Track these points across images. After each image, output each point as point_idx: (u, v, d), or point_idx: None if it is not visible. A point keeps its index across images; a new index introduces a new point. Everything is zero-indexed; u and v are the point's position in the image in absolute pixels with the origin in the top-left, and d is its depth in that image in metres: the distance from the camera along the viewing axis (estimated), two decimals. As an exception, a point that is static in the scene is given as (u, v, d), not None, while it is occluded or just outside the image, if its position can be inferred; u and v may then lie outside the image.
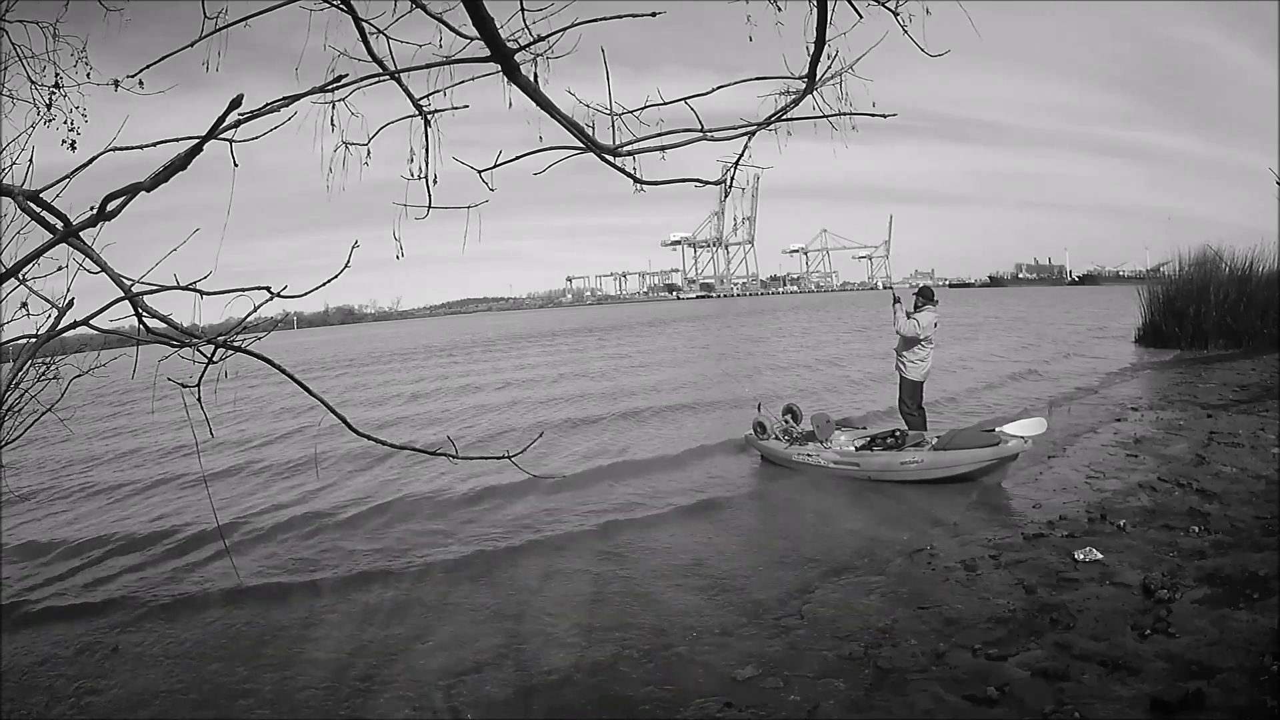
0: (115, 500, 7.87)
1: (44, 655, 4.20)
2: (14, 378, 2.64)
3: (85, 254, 1.78)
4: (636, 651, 3.71)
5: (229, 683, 3.74)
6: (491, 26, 1.67)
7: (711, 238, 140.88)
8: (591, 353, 23.63)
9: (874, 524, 5.49)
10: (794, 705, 3.13)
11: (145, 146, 1.82)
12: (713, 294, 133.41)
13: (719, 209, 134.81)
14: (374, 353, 32.14)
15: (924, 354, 7.26)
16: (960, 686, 3.13)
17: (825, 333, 27.06)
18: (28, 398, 4.17)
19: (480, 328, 55.27)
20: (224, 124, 1.67)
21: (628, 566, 4.90)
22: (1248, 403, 8.98)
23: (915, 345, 7.22)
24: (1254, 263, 15.16)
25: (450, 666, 3.71)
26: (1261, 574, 3.88)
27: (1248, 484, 5.56)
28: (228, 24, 1.85)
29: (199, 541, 6.03)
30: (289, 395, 14.23)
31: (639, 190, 2.07)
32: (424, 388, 16.74)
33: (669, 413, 10.84)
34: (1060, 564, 4.34)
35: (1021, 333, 22.69)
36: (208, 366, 1.84)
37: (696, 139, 2.02)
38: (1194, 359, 13.61)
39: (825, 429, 7.05)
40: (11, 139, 2.33)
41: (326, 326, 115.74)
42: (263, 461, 9.34)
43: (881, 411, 9.54)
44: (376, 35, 1.91)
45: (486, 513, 6.33)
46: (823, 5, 1.88)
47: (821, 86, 2.04)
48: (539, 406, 12.54)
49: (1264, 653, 3.09)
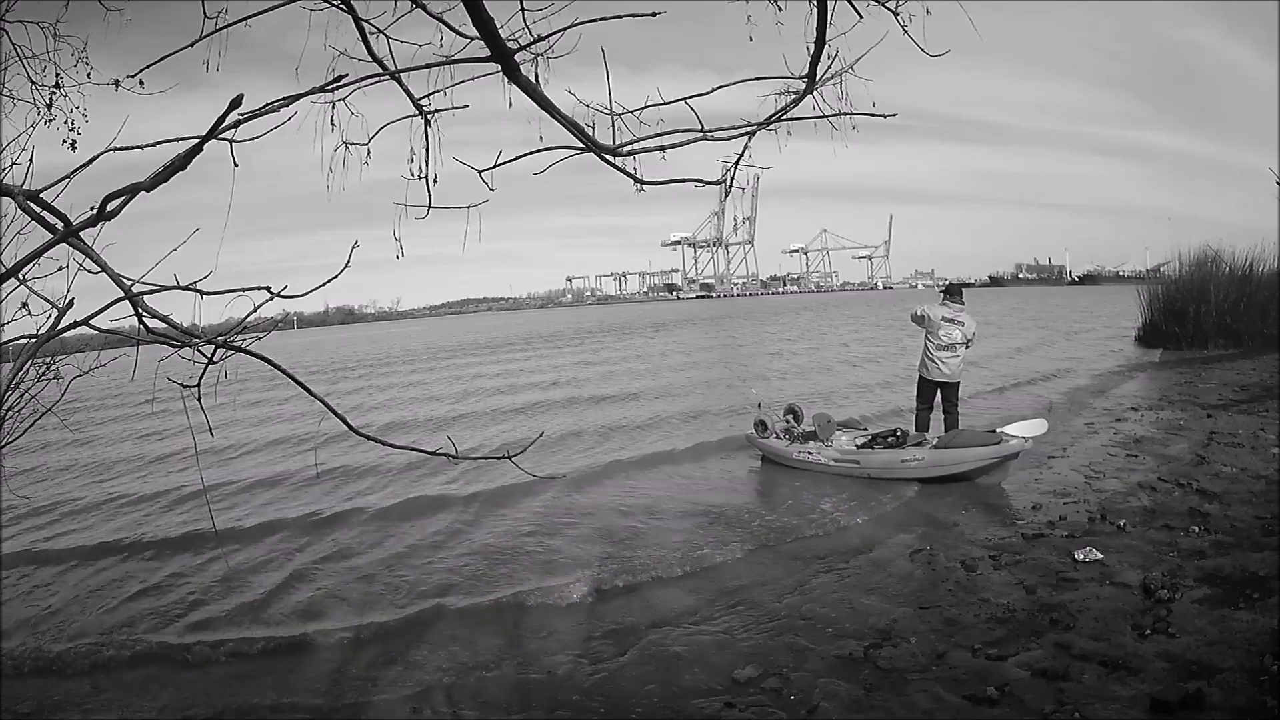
0: (114, 501, 7.86)
1: (44, 655, 4.20)
2: (14, 378, 2.64)
3: (85, 254, 1.78)
4: (636, 651, 3.71)
5: (228, 683, 3.74)
6: (491, 26, 1.67)
7: (711, 238, 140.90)
8: (592, 355, 23.63)
9: (874, 524, 5.49)
10: (794, 705, 3.12)
11: (145, 146, 1.82)
12: (713, 294, 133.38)
13: (719, 209, 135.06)
14: (373, 356, 32.13)
15: (935, 353, 7.04)
16: (960, 686, 3.13)
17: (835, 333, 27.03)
18: (28, 398, 4.16)
19: (480, 329, 55.22)
20: (224, 124, 1.67)
21: (627, 566, 4.90)
22: (1248, 403, 8.98)
23: (928, 342, 7.13)
24: (1254, 263, 15.19)
25: (450, 666, 3.72)
26: (1261, 574, 3.88)
27: (1248, 484, 5.56)
28: (228, 24, 1.85)
29: (199, 541, 6.03)
30: (287, 397, 14.24)
31: (639, 190, 2.06)
32: (426, 391, 16.73)
33: (669, 413, 10.83)
34: (1060, 564, 4.34)
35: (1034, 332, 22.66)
36: (208, 366, 1.84)
37: (696, 139, 2.02)
38: (1194, 359, 13.61)
39: (826, 428, 7.04)
40: (11, 139, 2.34)
41: (326, 326, 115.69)
42: (262, 461, 9.35)
43: (887, 412, 9.54)
44: (376, 35, 1.91)
45: (486, 513, 6.33)
46: (823, 5, 1.88)
47: (821, 86, 2.04)
48: (539, 408, 12.54)
49: (1264, 653, 3.09)
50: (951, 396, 7.18)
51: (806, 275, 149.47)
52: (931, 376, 7.14)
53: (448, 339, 39.21)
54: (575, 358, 22.44)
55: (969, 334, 7.03)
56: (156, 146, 1.78)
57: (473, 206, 2.06)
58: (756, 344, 24.18)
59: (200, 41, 1.85)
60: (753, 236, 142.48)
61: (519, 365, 21.16)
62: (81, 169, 1.90)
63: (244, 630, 4.32)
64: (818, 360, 17.43)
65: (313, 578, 5.11)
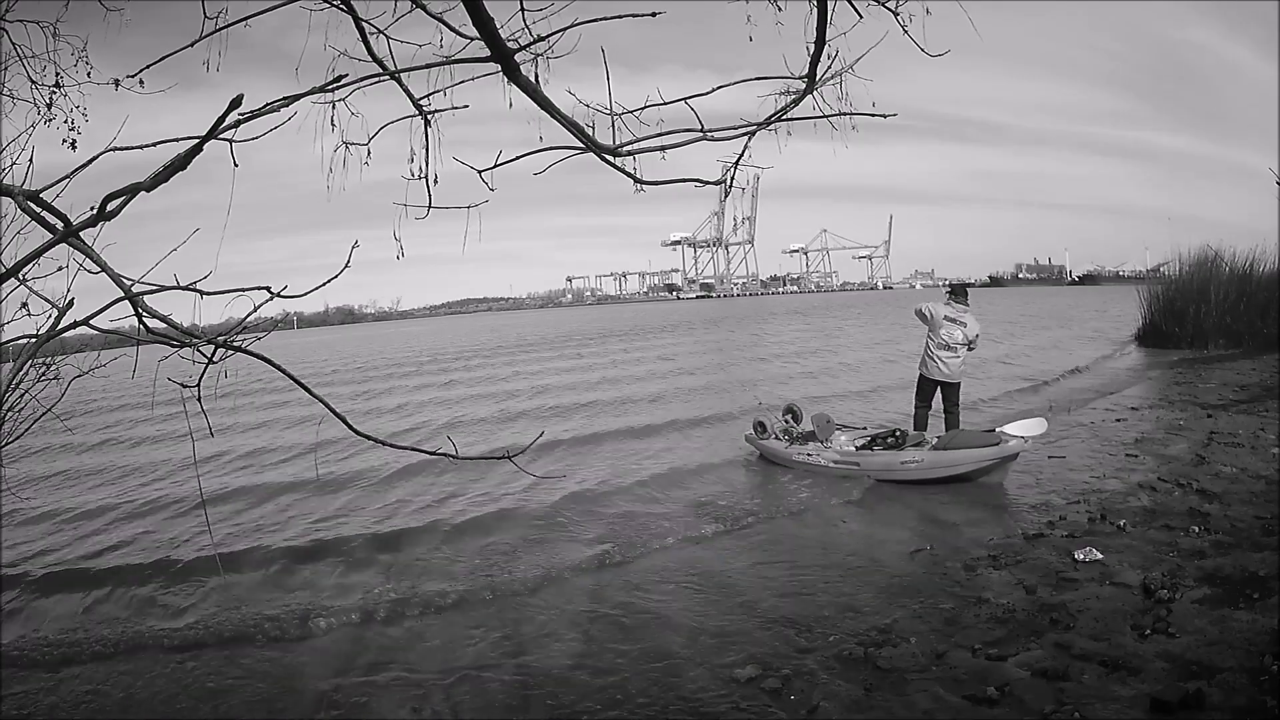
0: (112, 500, 7.86)
1: (44, 653, 4.20)
2: (14, 378, 2.64)
3: (85, 254, 1.78)
4: (636, 651, 3.71)
5: (228, 683, 3.74)
6: (491, 26, 1.67)
7: (711, 238, 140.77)
8: (592, 358, 23.62)
9: (874, 524, 5.49)
10: (794, 705, 3.12)
11: (145, 146, 1.83)
12: (713, 294, 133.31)
13: (719, 209, 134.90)
14: (373, 361, 32.10)
15: (935, 351, 7.05)
16: (960, 686, 3.13)
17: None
18: (28, 398, 4.16)
19: (481, 329, 55.11)
20: (224, 124, 1.68)
21: (627, 566, 4.90)
22: (1248, 403, 8.99)
23: (929, 340, 7.14)
24: (1254, 263, 15.21)
25: (450, 666, 3.71)
26: (1261, 574, 3.88)
27: (1248, 484, 5.56)
28: (228, 24, 1.85)
29: (199, 542, 6.02)
30: (287, 400, 14.23)
31: (639, 190, 2.07)
32: (427, 395, 16.72)
33: (669, 413, 10.83)
34: (1060, 564, 4.34)
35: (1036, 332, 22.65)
36: (208, 366, 1.84)
37: (696, 139, 2.02)
38: (1194, 359, 13.61)
39: (825, 429, 7.04)
40: (11, 139, 2.34)
41: (327, 326, 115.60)
42: (261, 462, 9.34)
43: (888, 414, 9.54)
44: (376, 35, 1.91)
45: (486, 513, 6.32)
46: (823, 5, 1.88)
47: (821, 86, 2.04)
48: (539, 409, 12.54)
49: (1264, 653, 3.09)
50: (952, 397, 7.18)
51: (806, 275, 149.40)
52: (931, 375, 7.15)
53: (469, 340, 38.18)
54: (576, 359, 22.43)
55: (971, 335, 7.03)
56: (156, 146, 1.79)
57: (473, 206, 2.06)
58: (757, 344, 24.18)
59: (200, 41, 1.85)
60: (753, 236, 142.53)
61: (522, 370, 21.14)
62: (81, 169, 1.90)
63: (244, 631, 4.31)
64: (818, 362, 17.41)
65: (312, 578, 5.10)
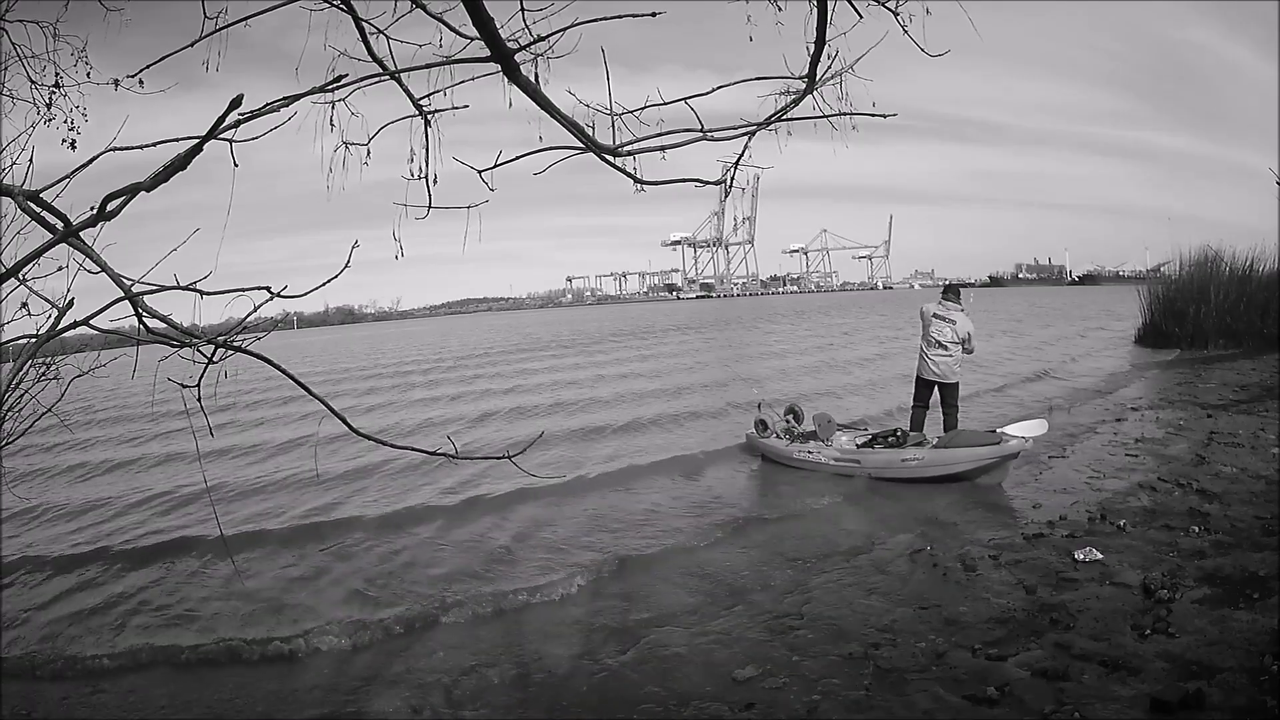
0: (114, 500, 7.86)
1: (45, 656, 4.20)
2: (14, 378, 2.64)
3: (85, 254, 1.78)
4: (636, 651, 3.71)
5: (228, 683, 3.74)
6: (491, 26, 1.67)
7: (711, 238, 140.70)
8: (592, 360, 23.62)
9: (874, 524, 5.49)
10: (794, 705, 3.12)
11: (145, 146, 1.83)
12: (713, 294, 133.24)
13: (719, 209, 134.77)
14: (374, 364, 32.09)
15: (927, 350, 7.08)
16: (960, 686, 3.13)
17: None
18: (28, 398, 4.16)
19: (481, 330, 55.07)
20: (224, 124, 1.68)
21: (627, 566, 4.90)
22: (1248, 403, 8.99)
23: (922, 340, 7.16)
24: (1254, 263, 15.19)
25: (450, 666, 3.71)
26: (1261, 574, 3.88)
27: (1248, 484, 5.56)
28: (228, 24, 1.85)
29: (196, 541, 6.02)
30: (287, 399, 14.23)
31: (639, 190, 2.07)
32: (430, 395, 16.72)
33: (670, 413, 10.82)
34: (1060, 564, 4.34)
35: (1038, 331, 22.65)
36: (208, 366, 1.84)
37: (696, 139, 2.02)
38: (1194, 359, 13.60)
39: (827, 428, 7.05)
40: (11, 139, 2.34)
41: (327, 326, 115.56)
42: (261, 462, 9.34)
43: (889, 411, 9.53)
44: (376, 35, 1.91)
45: (486, 514, 6.33)
46: (823, 5, 1.88)
47: (821, 86, 2.04)
48: (538, 410, 12.54)
49: (1264, 653, 3.09)
50: (951, 397, 7.18)
51: (806, 275, 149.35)
52: (924, 374, 7.19)
53: (482, 340, 37.81)
54: (577, 359, 22.43)
55: (960, 334, 7.03)
56: (156, 146, 1.79)
57: (473, 206, 2.06)
58: (758, 343, 24.17)
59: (200, 41, 1.85)
60: (753, 236, 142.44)
61: (521, 370, 21.15)
62: (81, 169, 1.90)
63: (244, 631, 4.31)
64: (819, 360, 17.41)
65: (313, 579, 5.10)
